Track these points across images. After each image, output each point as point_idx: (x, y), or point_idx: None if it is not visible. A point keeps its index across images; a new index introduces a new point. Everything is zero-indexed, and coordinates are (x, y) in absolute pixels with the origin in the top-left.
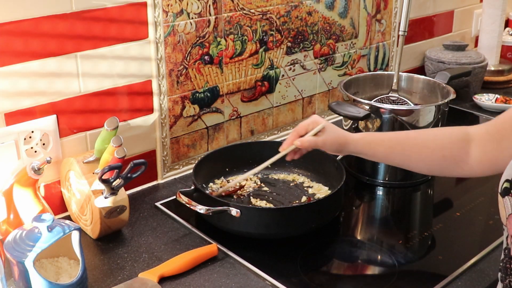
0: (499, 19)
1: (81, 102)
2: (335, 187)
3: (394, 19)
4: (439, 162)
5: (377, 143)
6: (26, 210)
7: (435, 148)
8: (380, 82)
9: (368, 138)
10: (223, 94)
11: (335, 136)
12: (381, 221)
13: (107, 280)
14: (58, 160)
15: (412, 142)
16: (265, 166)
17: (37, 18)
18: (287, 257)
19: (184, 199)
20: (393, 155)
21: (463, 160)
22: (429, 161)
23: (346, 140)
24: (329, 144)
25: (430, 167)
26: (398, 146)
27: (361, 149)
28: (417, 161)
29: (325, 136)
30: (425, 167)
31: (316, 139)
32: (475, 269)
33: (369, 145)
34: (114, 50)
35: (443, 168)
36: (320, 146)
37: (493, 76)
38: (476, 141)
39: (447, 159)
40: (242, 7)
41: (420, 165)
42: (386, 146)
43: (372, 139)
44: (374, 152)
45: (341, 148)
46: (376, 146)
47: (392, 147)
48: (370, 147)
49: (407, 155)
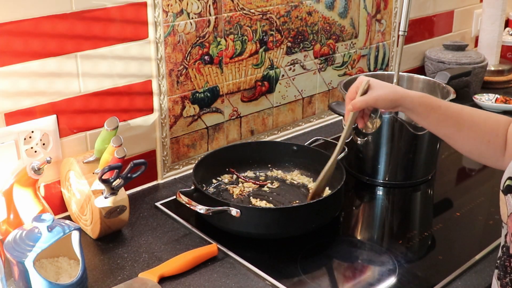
0: (499, 19)
1: (81, 102)
2: (335, 187)
3: (394, 19)
4: (483, 146)
5: (434, 107)
6: (26, 210)
7: (485, 131)
8: None
9: (426, 99)
10: (223, 94)
11: (386, 92)
12: (381, 221)
13: (107, 280)
14: (58, 160)
15: (467, 117)
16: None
17: (37, 18)
18: (287, 257)
19: (184, 199)
20: (444, 124)
21: (501, 150)
22: (474, 142)
23: (401, 95)
24: (381, 100)
25: (472, 149)
26: (452, 117)
27: (417, 107)
28: (465, 139)
29: (376, 93)
30: (469, 146)
31: (367, 98)
32: (475, 269)
33: (426, 106)
34: (114, 50)
35: (483, 152)
36: (372, 104)
37: (493, 76)
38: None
39: (491, 145)
40: (242, 7)
41: (466, 143)
42: (441, 113)
43: (430, 102)
44: (428, 115)
45: (394, 104)
46: (431, 110)
47: (447, 116)
48: (426, 109)
49: (458, 129)
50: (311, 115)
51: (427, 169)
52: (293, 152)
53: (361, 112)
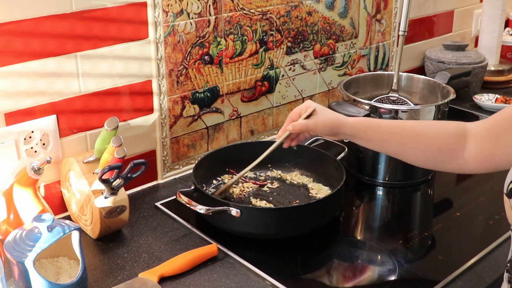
0: (499, 19)
1: (81, 102)
2: (335, 187)
3: (394, 19)
4: (435, 154)
5: (373, 129)
6: (26, 210)
7: (431, 139)
8: (380, 82)
9: (364, 122)
10: (223, 94)
11: (327, 118)
12: (381, 221)
13: (107, 280)
14: (58, 160)
15: (409, 131)
16: (262, 157)
17: (37, 18)
18: (287, 257)
19: (184, 199)
20: (388, 143)
21: (459, 154)
22: (424, 152)
23: (341, 122)
24: (321, 126)
25: (425, 159)
26: (394, 134)
27: (356, 132)
28: (413, 151)
29: (316, 119)
30: (420, 158)
31: (308, 122)
32: (475, 269)
33: (365, 130)
34: (114, 50)
35: (437, 160)
36: (312, 129)
37: (493, 76)
38: (473, 136)
39: (443, 151)
40: (242, 7)
41: (415, 155)
42: (383, 132)
43: (369, 124)
44: (370, 138)
45: (334, 131)
46: (372, 132)
47: (389, 134)
48: (365, 132)
49: (403, 144)
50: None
51: (427, 169)
52: (293, 152)
53: (295, 134)
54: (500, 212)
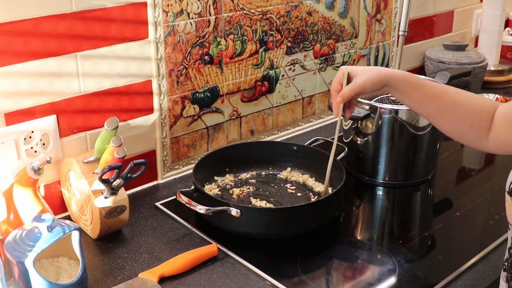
0: (499, 19)
1: (81, 102)
2: (335, 187)
3: (394, 19)
4: (465, 127)
5: (417, 86)
6: (26, 210)
7: (468, 113)
8: None
9: (409, 78)
10: (223, 94)
11: (370, 75)
12: (381, 221)
13: (107, 280)
14: (58, 160)
15: (449, 98)
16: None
17: (37, 18)
18: (287, 257)
19: (184, 199)
20: (427, 103)
21: (485, 134)
22: (457, 122)
23: (385, 75)
24: (368, 84)
25: (454, 129)
26: (435, 97)
27: (400, 85)
28: (447, 118)
29: (360, 79)
30: (451, 127)
31: (353, 87)
32: (475, 269)
33: (409, 84)
34: (114, 50)
35: (465, 134)
36: (360, 91)
37: (493, 76)
38: (498, 115)
39: (474, 127)
40: (242, 7)
41: (448, 123)
42: (425, 92)
43: (414, 81)
44: (411, 94)
45: (381, 85)
46: (414, 89)
47: (430, 95)
48: (409, 87)
49: (441, 109)
50: (311, 115)
51: (427, 169)
52: (293, 152)
53: (348, 102)
54: (500, 212)
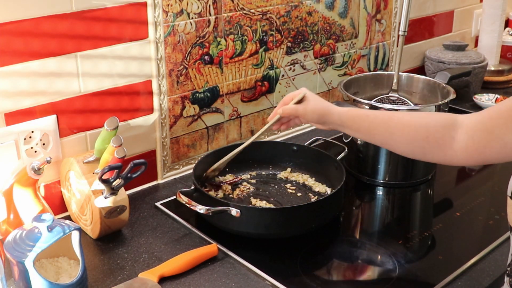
0: (499, 19)
1: (81, 102)
2: (335, 187)
3: (394, 19)
4: (422, 143)
5: (361, 118)
6: (26, 210)
7: (419, 128)
8: (380, 82)
9: (353, 112)
10: (223, 94)
11: (316, 104)
12: (381, 221)
13: (107, 280)
14: (58, 160)
15: (397, 120)
16: (251, 140)
17: (37, 18)
18: (287, 257)
19: (184, 199)
20: (376, 131)
21: (447, 144)
22: (411, 142)
23: (329, 110)
24: (310, 112)
25: (412, 149)
26: (382, 123)
27: (344, 121)
28: (400, 141)
29: (306, 105)
30: (408, 147)
31: (297, 107)
32: (475, 269)
33: (353, 118)
34: (114, 50)
35: (426, 151)
36: (301, 115)
37: (493, 76)
38: (465, 127)
39: (430, 141)
40: (242, 7)
41: (403, 145)
42: (371, 121)
43: (357, 114)
44: (358, 127)
45: (323, 119)
46: (360, 121)
47: (377, 123)
48: (354, 121)
49: (390, 133)
50: None
51: (427, 169)
52: (293, 152)
53: (286, 118)
54: (500, 212)
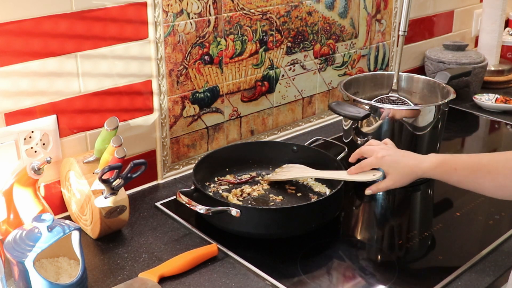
0: (499, 19)
1: (81, 102)
2: (335, 187)
3: (394, 19)
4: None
5: (450, 173)
6: (26, 210)
7: (508, 174)
8: (380, 82)
9: (441, 168)
10: (223, 94)
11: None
12: (381, 221)
13: (107, 280)
14: (58, 160)
15: (485, 169)
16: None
17: (37, 18)
18: (287, 257)
19: (184, 199)
20: (466, 184)
21: None
22: (502, 187)
23: (417, 174)
24: (403, 184)
25: (504, 193)
26: (471, 175)
27: (435, 176)
28: (491, 188)
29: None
30: (500, 193)
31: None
32: (475, 269)
33: (442, 174)
34: (114, 50)
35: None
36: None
37: (493, 76)
38: None
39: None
40: (242, 7)
41: (495, 191)
42: (460, 175)
43: (446, 170)
44: (448, 180)
45: (412, 179)
46: (449, 176)
47: (466, 176)
48: (443, 177)
49: (481, 184)
50: (311, 115)
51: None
52: (293, 152)
53: None
54: (500, 212)
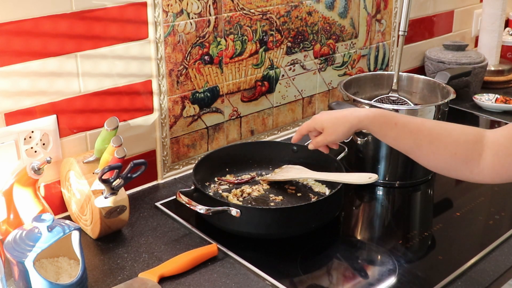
0: (499, 19)
1: (81, 102)
2: (335, 187)
3: (394, 19)
4: (449, 159)
5: (389, 125)
6: (26, 210)
7: (448, 143)
8: (380, 82)
9: (379, 118)
10: (223, 94)
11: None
12: (381, 221)
13: (107, 280)
14: (58, 160)
15: (427, 132)
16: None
17: (37, 18)
18: (287, 257)
19: (184, 199)
20: (403, 141)
21: (474, 161)
22: (438, 156)
23: (353, 123)
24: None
25: (438, 163)
26: (411, 133)
27: (372, 128)
28: (427, 153)
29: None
30: (433, 161)
31: (327, 139)
32: (475, 269)
33: (380, 126)
34: (114, 50)
35: (451, 166)
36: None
37: (493, 76)
38: (490, 143)
39: (458, 157)
40: (242, 7)
41: (429, 158)
42: (398, 131)
43: (384, 121)
44: (385, 134)
45: (354, 131)
46: (387, 129)
47: (405, 133)
48: (380, 128)
49: (418, 145)
50: (311, 115)
51: (427, 169)
52: (293, 152)
53: None
54: (500, 212)
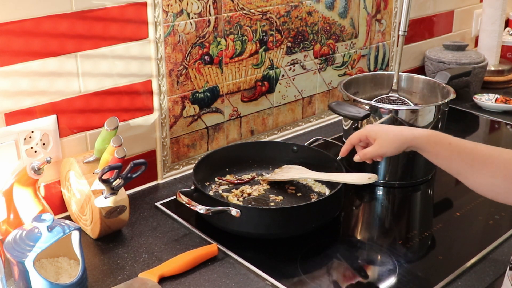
0: (499, 19)
1: (81, 102)
2: (335, 187)
3: (394, 19)
4: (499, 182)
5: (443, 145)
6: (26, 210)
7: (499, 165)
8: (380, 82)
9: (433, 138)
10: (223, 94)
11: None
12: (381, 221)
13: (107, 280)
14: (58, 160)
15: (478, 153)
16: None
17: (38, 18)
18: (287, 257)
19: (184, 199)
20: (455, 161)
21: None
22: (488, 177)
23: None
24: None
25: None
26: (463, 152)
27: (426, 147)
28: (477, 175)
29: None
30: (483, 183)
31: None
32: (475, 269)
33: (434, 145)
34: (114, 50)
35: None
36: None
37: (493, 76)
38: None
39: (508, 180)
40: (242, 7)
41: (479, 180)
42: (451, 150)
43: (438, 140)
44: (438, 153)
45: (404, 148)
46: (441, 148)
47: (457, 151)
48: (434, 147)
49: (470, 165)
50: (311, 115)
51: (427, 169)
52: (293, 152)
53: None
54: (500, 212)
